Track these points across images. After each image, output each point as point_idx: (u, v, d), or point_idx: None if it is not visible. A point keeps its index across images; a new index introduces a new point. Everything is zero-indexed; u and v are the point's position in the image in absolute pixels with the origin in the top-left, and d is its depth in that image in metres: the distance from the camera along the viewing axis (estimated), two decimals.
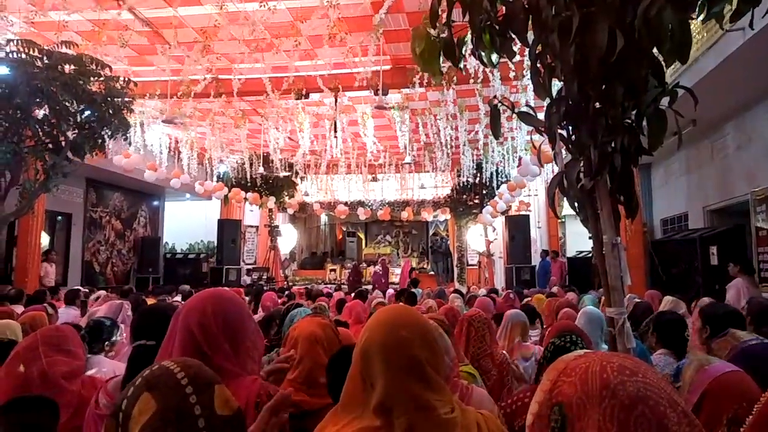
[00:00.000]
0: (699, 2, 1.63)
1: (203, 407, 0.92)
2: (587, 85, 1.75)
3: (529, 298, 6.28)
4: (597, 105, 1.76)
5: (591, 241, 1.95)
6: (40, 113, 5.93)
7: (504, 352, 3.09)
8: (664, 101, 1.76)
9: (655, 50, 1.66)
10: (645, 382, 0.73)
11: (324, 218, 19.21)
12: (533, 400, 0.83)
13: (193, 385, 0.93)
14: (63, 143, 6.10)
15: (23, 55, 5.70)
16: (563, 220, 14.07)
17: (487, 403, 1.91)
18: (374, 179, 14.99)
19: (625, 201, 1.86)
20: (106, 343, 2.79)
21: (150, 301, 6.07)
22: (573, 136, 1.88)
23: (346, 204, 15.83)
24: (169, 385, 0.92)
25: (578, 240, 13.10)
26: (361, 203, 15.98)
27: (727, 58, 5.43)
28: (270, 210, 15.12)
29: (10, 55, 5.66)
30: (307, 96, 8.45)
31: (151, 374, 0.95)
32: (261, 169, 12.38)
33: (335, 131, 8.75)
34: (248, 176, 13.05)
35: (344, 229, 20.20)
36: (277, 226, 15.50)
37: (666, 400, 0.72)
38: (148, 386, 0.92)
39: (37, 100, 5.68)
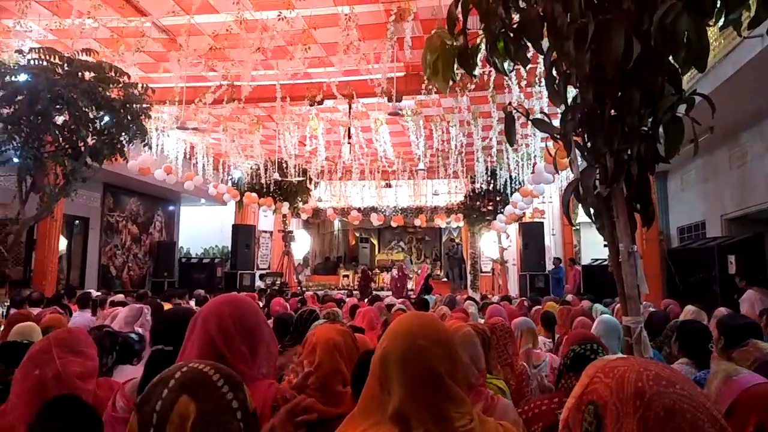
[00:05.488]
0: (716, 9, 1.62)
1: (239, 402, 0.98)
2: (603, 92, 1.74)
3: (539, 306, 6.13)
4: (613, 112, 1.75)
5: (606, 248, 1.93)
6: (60, 119, 6.03)
7: (524, 363, 3.05)
8: (681, 108, 1.75)
9: (671, 57, 1.66)
10: (682, 395, 0.71)
11: (337, 224, 19.26)
12: (570, 395, 0.82)
13: (229, 385, 0.99)
14: (82, 149, 6.20)
15: (44, 63, 5.81)
16: (578, 227, 13.95)
17: (511, 414, 1.88)
18: (388, 185, 14.99)
19: (642, 209, 1.84)
20: (135, 359, 2.81)
21: (165, 305, 6.11)
22: (588, 143, 1.87)
23: (359, 210, 15.85)
24: (207, 387, 0.96)
25: (593, 248, 13.00)
26: (374, 209, 16.00)
27: (745, 65, 5.37)
28: (284, 215, 15.18)
29: (32, 62, 5.77)
30: (321, 102, 8.50)
31: (184, 377, 0.97)
32: (276, 175, 12.43)
33: (349, 137, 8.79)
34: (262, 182, 13.13)
35: (357, 234, 20.23)
36: (291, 232, 15.53)
37: (705, 415, 0.69)
38: (185, 389, 0.94)
39: (58, 106, 5.78)
